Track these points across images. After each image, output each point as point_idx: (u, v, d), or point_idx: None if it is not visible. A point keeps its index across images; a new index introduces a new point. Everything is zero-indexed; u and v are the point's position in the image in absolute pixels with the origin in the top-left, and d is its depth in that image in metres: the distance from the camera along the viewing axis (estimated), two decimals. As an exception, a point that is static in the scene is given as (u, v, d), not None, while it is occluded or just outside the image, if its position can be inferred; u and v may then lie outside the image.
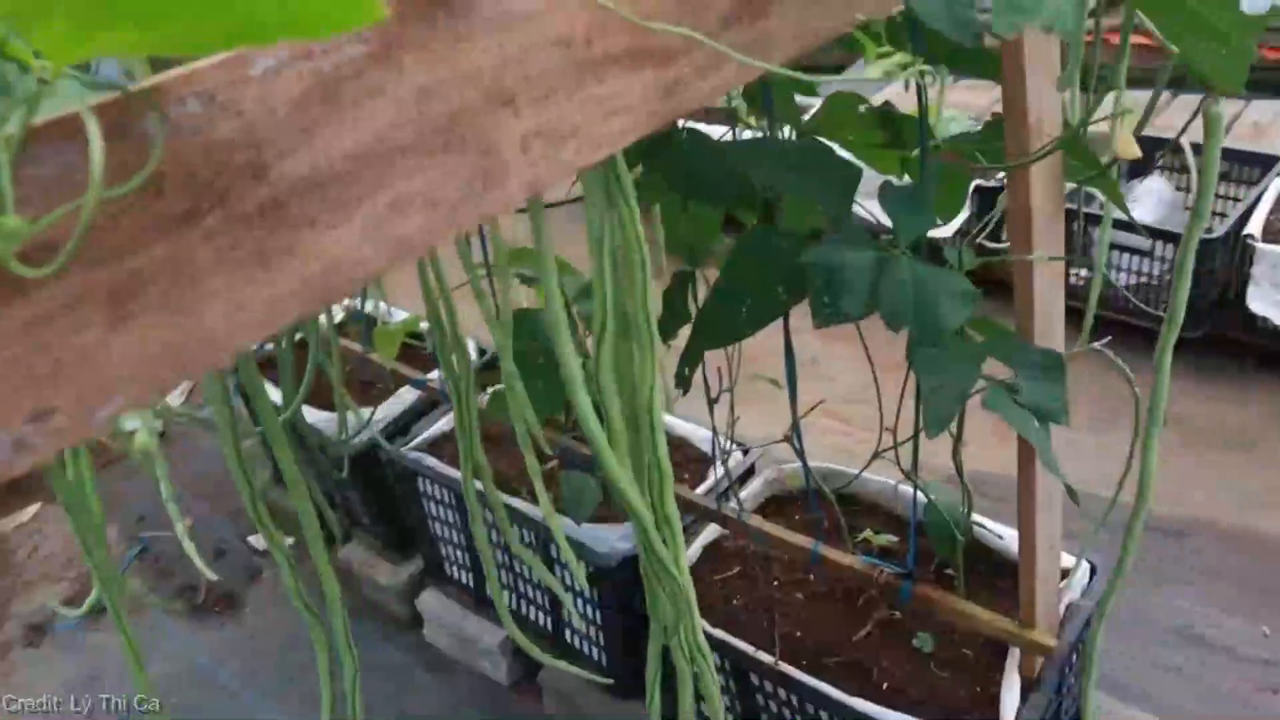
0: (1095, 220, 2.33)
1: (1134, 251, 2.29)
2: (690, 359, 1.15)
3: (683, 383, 1.20)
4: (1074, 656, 1.38)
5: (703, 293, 1.09)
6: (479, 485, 1.10)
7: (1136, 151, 0.83)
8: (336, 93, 0.36)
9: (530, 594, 1.79)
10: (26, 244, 0.29)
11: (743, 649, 1.37)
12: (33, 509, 2.50)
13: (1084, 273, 2.43)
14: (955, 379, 0.95)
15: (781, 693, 1.36)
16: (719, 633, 1.41)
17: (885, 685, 1.32)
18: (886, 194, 0.89)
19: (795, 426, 1.26)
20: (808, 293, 0.90)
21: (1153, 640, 1.80)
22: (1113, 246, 2.31)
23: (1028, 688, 1.27)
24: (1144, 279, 2.33)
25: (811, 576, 1.50)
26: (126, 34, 0.31)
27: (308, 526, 0.91)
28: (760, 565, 1.53)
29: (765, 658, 1.36)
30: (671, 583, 0.67)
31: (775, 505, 1.63)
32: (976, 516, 1.43)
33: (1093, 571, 1.40)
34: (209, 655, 2.06)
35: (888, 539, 1.49)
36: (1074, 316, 2.50)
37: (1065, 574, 1.37)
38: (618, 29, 0.45)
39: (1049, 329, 1.02)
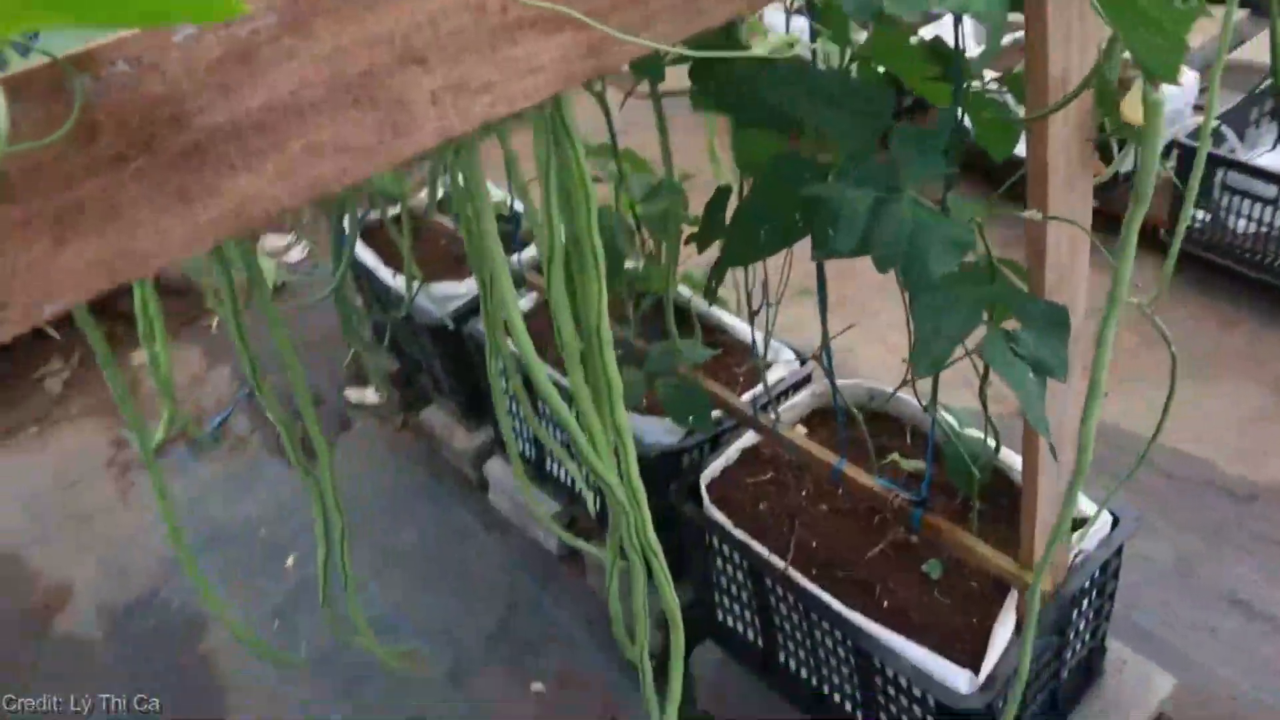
0: (1224, 163, 2.20)
1: (1258, 199, 2.16)
2: (716, 273, 1.20)
3: (709, 294, 1.25)
4: (1084, 603, 1.40)
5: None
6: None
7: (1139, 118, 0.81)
8: (252, 55, 0.42)
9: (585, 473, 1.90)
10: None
11: (758, 551, 1.45)
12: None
13: (1201, 216, 2.32)
14: (952, 324, 0.97)
15: (790, 598, 1.44)
16: (740, 534, 1.49)
17: (886, 604, 1.38)
18: (895, 134, 0.90)
19: (825, 344, 1.29)
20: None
21: (1196, 600, 1.79)
22: (1236, 192, 2.18)
23: (1017, 627, 1.30)
24: (1265, 229, 2.19)
25: (840, 491, 1.55)
26: (59, 14, 0.38)
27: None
28: (793, 474, 1.59)
29: (777, 563, 1.43)
30: (608, 486, 0.74)
31: (820, 418, 1.67)
32: (1007, 453, 1.45)
33: (1115, 523, 1.41)
34: (296, 493, 2.28)
35: (917, 465, 1.52)
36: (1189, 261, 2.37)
37: (1084, 522, 1.38)
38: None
39: (1063, 285, 1.02)
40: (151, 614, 2.01)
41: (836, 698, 1.50)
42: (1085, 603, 1.41)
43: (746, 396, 1.68)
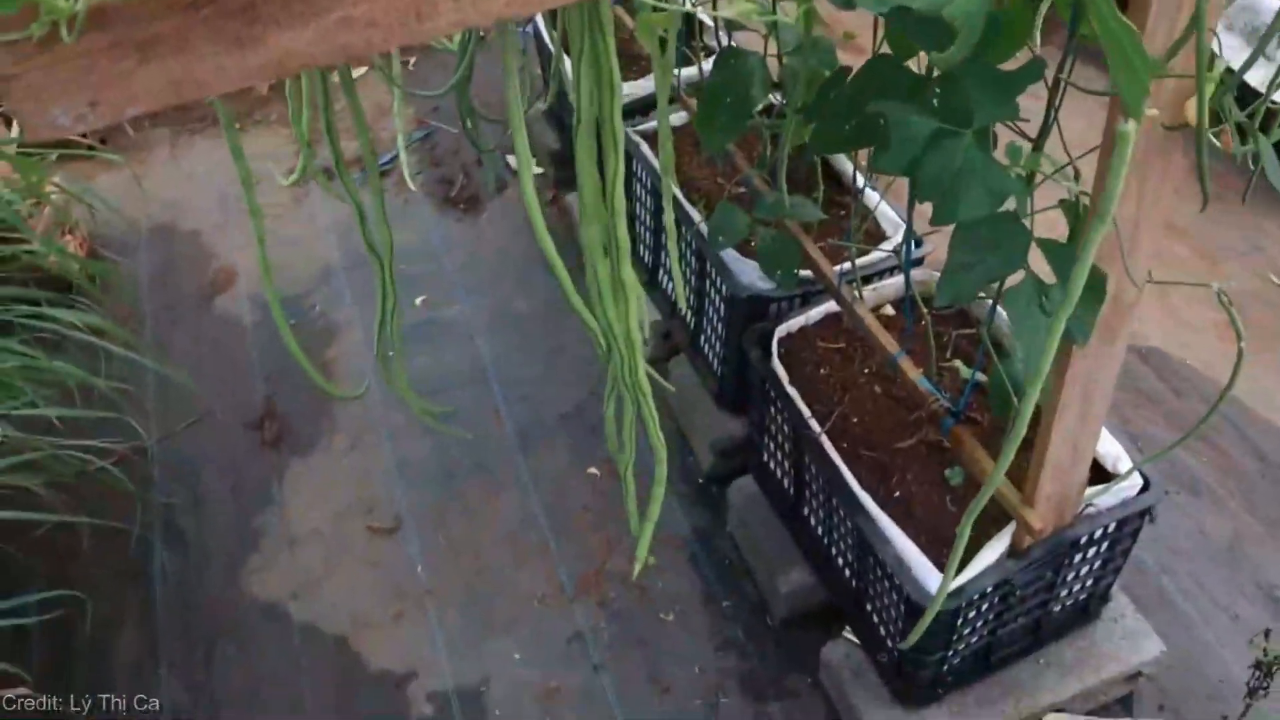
0: None
1: None
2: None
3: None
4: (1088, 552, 1.45)
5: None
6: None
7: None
8: (306, -60, 0.52)
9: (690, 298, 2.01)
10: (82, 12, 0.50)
11: (801, 410, 1.55)
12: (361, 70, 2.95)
13: None
14: (986, 266, 1.00)
15: (818, 461, 1.55)
16: (792, 390, 1.58)
17: (898, 494, 1.47)
18: (971, 71, 0.91)
19: (908, 234, 1.32)
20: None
21: (1231, 584, 1.79)
22: None
23: (1013, 553, 1.37)
24: None
25: (896, 379, 1.61)
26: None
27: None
28: (862, 350, 1.66)
29: (815, 427, 1.53)
30: (608, 325, 0.85)
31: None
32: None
33: (1145, 486, 1.43)
34: (441, 240, 2.50)
35: (975, 374, 1.55)
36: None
37: (1112, 477, 1.41)
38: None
39: (1115, 257, 1.02)
40: (294, 314, 2.29)
41: (841, 563, 1.62)
42: (1090, 552, 1.45)
43: (847, 265, 1.73)
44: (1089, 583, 1.53)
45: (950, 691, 1.54)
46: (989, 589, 1.37)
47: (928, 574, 1.35)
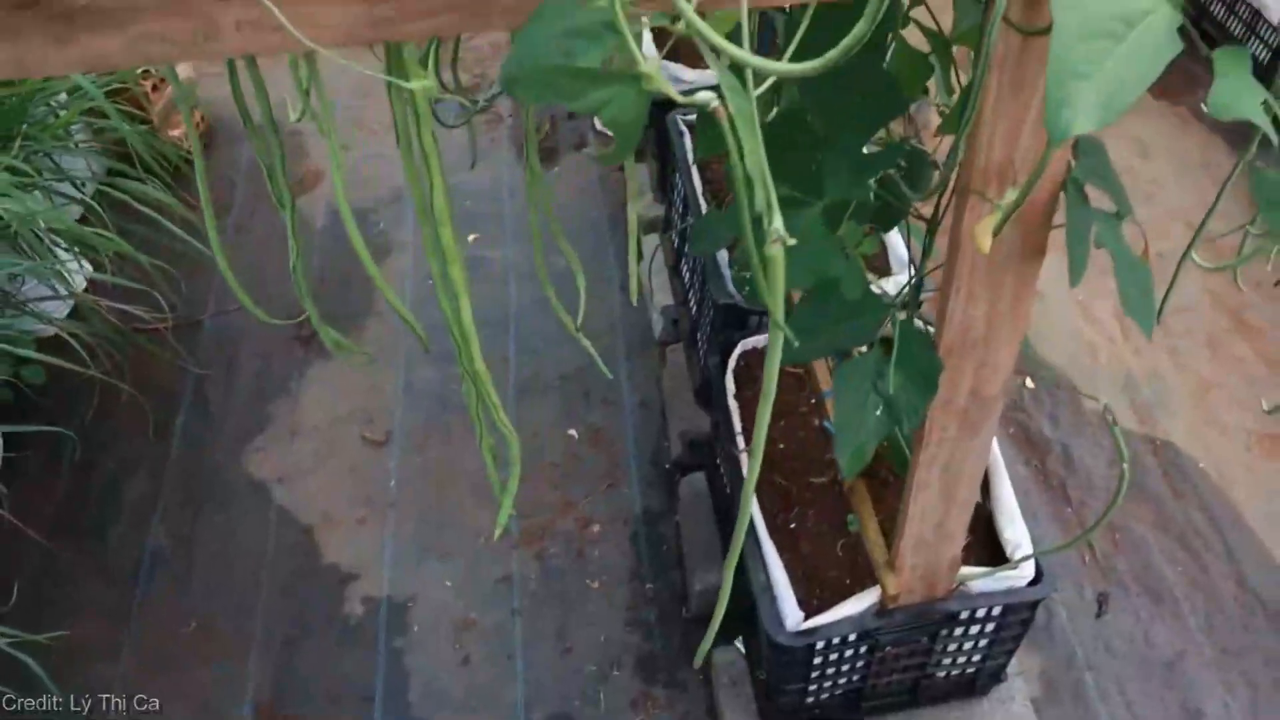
0: None
1: None
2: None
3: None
4: (968, 628, 1.45)
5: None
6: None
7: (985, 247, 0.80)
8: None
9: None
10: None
11: (732, 423, 1.61)
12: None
13: None
14: (837, 333, 1.04)
15: (733, 471, 1.60)
16: (732, 404, 1.64)
17: (793, 525, 1.51)
18: (828, 151, 0.94)
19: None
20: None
21: (1155, 696, 1.73)
22: None
23: (880, 611, 1.40)
24: None
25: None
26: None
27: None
28: (812, 379, 1.69)
29: (738, 442, 1.59)
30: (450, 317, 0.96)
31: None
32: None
33: (1037, 579, 1.42)
34: (510, 184, 2.62)
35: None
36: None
37: (1006, 559, 1.41)
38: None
39: (965, 351, 1.02)
40: (360, 226, 2.47)
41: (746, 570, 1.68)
42: (973, 629, 1.46)
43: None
44: (975, 658, 1.54)
45: (814, 724, 1.59)
46: (851, 637, 1.40)
47: (788, 607, 1.40)
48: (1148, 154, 2.69)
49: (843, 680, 1.52)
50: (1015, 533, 1.44)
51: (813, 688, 1.51)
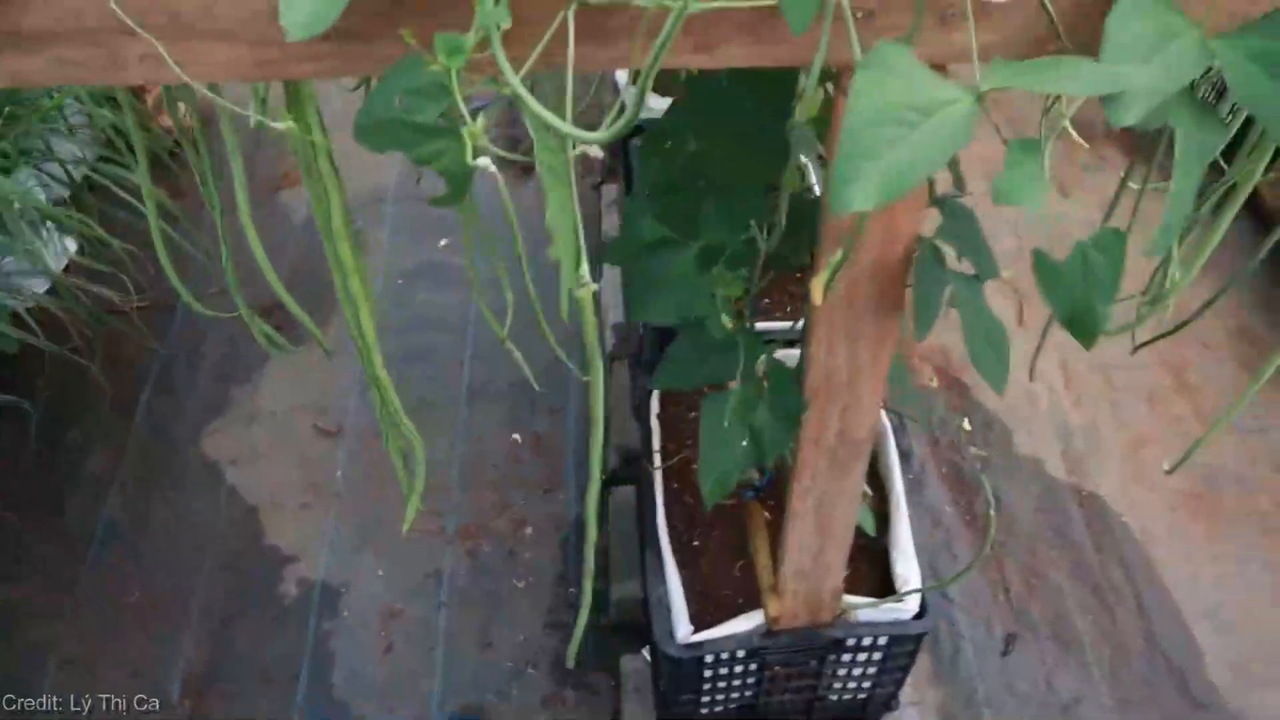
0: None
1: None
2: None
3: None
4: (856, 655, 1.51)
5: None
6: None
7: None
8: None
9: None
10: None
11: (652, 439, 1.67)
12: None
13: None
14: (710, 365, 1.11)
15: (651, 484, 1.67)
16: (654, 423, 1.71)
17: (696, 544, 1.57)
18: (708, 192, 1.01)
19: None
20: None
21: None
22: None
23: (767, 632, 1.46)
24: None
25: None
26: None
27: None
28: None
29: (655, 458, 1.66)
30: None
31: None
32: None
33: (921, 613, 1.48)
34: (487, 194, 2.70)
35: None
36: None
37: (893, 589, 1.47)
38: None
39: (831, 394, 1.09)
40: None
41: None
42: (860, 656, 1.52)
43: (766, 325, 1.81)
44: (865, 684, 1.60)
45: (709, 736, 1.65)
46: (740, 654, 1.47)
47: (680, 623, 1.46)
48: (1068, 194, 2.74)
49: (735, 695, 1.58)
50: (906, 568, 1.50)
51: (705, 699, 1.57)
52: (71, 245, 2.29)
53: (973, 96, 0.71)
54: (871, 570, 1.55)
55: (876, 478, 1.64)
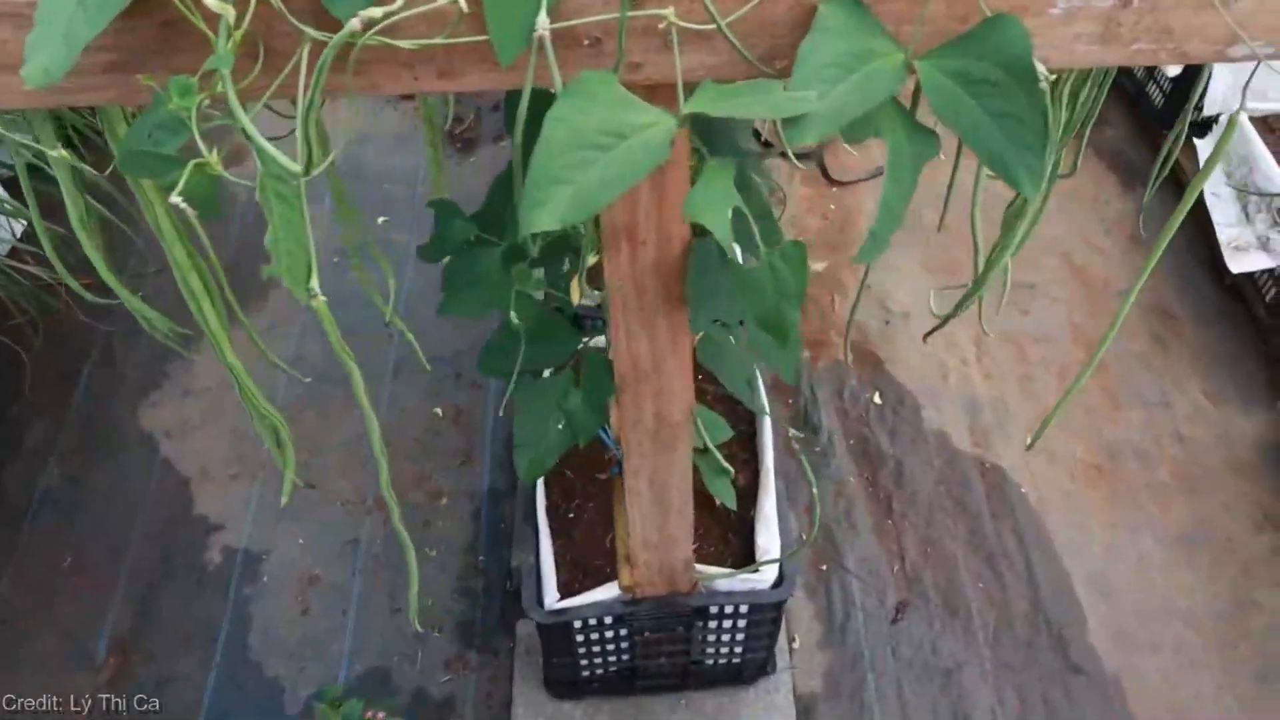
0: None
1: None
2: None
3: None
4: (720, 622, 1.59)
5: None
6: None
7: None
8: None
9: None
10: None
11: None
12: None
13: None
14: (536, 350, 1.18)
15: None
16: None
17: (570, 515, 1.66)
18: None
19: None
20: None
21: (930, 700, 1.87)
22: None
23: (632, 600, 1.54)
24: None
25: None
26: None
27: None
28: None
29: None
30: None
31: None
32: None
33: (778, 583, 1.55)
34: (426, 170, 2.77)
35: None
36: None
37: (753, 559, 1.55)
38: None
39: (640, 384, 1.16)
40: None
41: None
42: (725, 623, 1.60)
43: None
44: (737, 650, 1.68)
45: (592, 696, 1.75)
46: (608, 620, 1.55)
47: (549, 590, 1.55)
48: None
49: (612, 659, 1.67)
50: (766, 540, 1.58)
51: (584, 662, 1.66)
52: (18, 227, 2.38)
53: (673, 120, 0.77)
54: (742, 542, 1.63)
55: (753, 452, 1.71)
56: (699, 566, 1.52)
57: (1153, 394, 2.32)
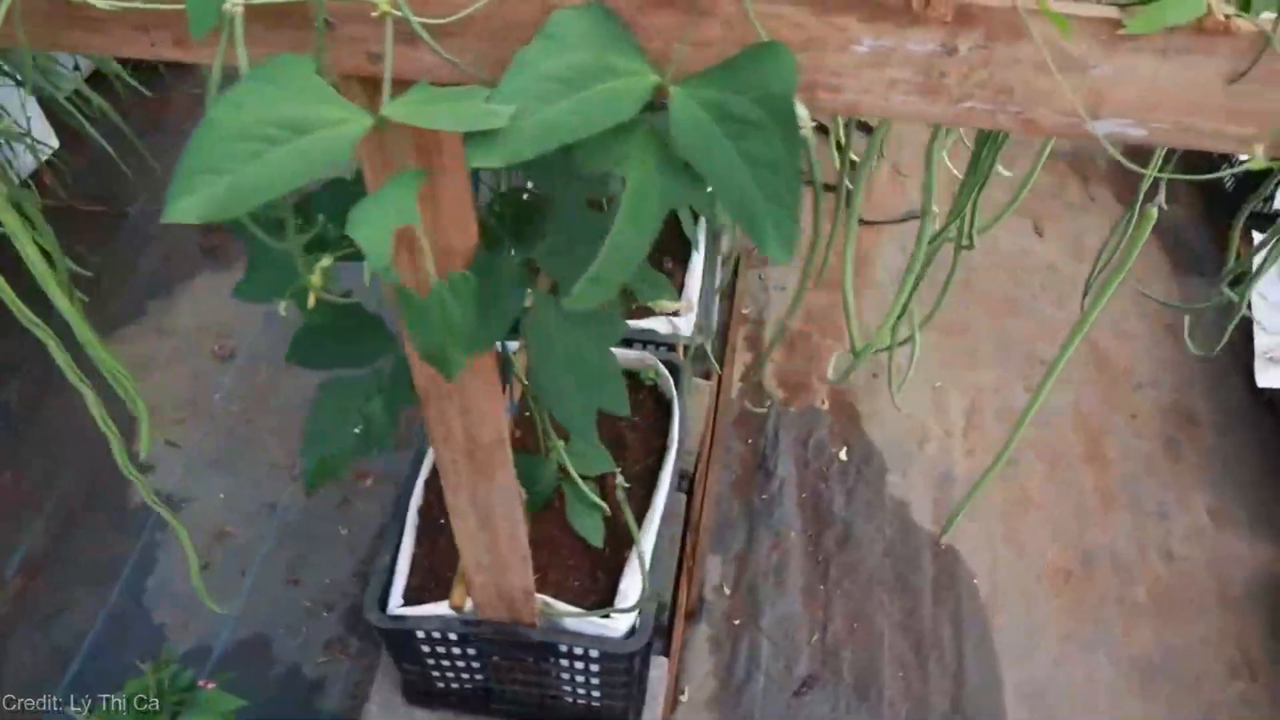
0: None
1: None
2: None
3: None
4: (565, 659, 1.49)
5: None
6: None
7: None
8: None
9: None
10: None
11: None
12: None
13: None
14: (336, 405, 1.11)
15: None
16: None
17: (443, 522, 1.58)
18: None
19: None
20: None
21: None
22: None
23: (475, 620, 1.46)
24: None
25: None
26: None
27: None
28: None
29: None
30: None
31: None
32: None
33: (630, 634, 1.45)
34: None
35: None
36: None
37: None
38: None
39: (442, 404, 1.08)
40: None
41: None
42: (578, 664, 1.50)
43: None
44: (594, 694, 1.58)
45: (445, 709, 1.68)
46: (452, 635, 1.48)
47: (395, 594, 1.48)
48: (1043, 231, 2.56)
49: (465, 675, 1.59)
50: (629, 584, 1.48)
51: (435, 674, 1.59)
52: (55, 142, 2.45)
53: (368, 120, 0.69)
54: (612, 582, 1.53)
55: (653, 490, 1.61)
56: (548, 600, 1.43)
57: (1150, 502, 2.10)
